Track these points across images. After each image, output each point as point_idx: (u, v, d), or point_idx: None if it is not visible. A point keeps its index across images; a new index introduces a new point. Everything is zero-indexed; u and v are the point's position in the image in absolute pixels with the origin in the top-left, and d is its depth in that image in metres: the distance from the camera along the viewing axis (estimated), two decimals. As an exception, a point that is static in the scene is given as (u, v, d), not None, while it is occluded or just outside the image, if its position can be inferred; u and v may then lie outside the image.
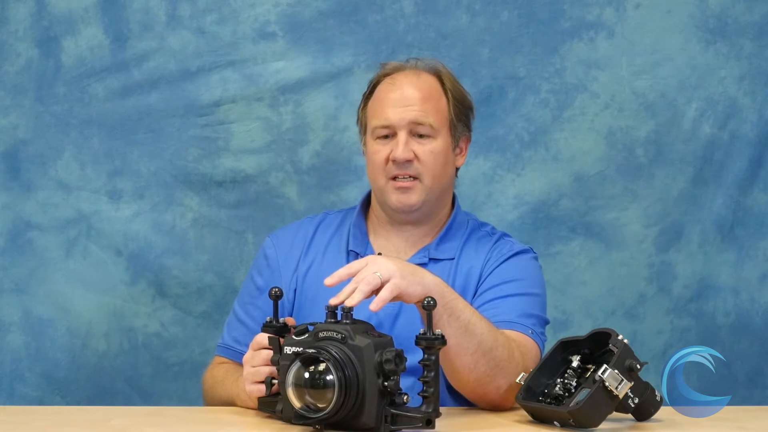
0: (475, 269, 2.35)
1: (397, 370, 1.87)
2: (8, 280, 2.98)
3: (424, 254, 2.37)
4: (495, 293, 2.29)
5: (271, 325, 2.04)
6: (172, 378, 2.99)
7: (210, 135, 2.99)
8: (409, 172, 2.33)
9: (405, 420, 1.89)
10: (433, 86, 2.37)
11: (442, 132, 2.35)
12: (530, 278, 2.35)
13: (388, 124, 2.33)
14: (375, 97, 2.38)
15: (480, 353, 2.07)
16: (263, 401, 2.05)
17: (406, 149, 2.32)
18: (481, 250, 2.38)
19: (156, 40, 2.98)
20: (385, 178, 2.34)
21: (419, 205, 2.35)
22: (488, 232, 2.43)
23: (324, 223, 2.46)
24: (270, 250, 2.43)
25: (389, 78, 2.38)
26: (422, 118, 2.33)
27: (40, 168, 2.99)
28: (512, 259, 2.36)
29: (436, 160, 2.34)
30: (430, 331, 1.89)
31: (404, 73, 2.38)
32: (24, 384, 2.98)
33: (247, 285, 2.45)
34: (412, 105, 2.33)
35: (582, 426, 1.95)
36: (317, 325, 1.93)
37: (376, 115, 2.36)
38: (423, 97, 2.34)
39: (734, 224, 3.02)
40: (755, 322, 3.03)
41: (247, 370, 2.08)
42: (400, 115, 2.33)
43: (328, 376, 1.87)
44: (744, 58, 3.01)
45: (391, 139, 2.34)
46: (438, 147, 2.34)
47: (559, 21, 3.00)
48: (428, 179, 2.34)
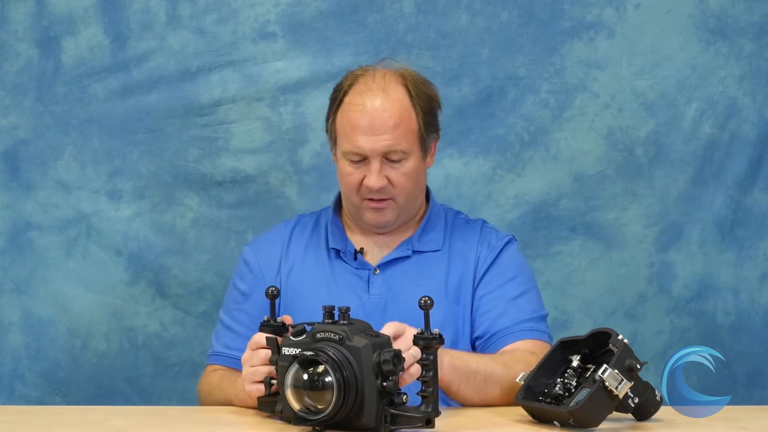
0: (470, 261, 2.37)
1: (395, 370, 1.87)
2: (8, 280, 2.98)
3: (407, 247, 2.38)
4: (501, 295, 2.33)
5: (269, 324, 2.04)
6: (172, 378, 2.99)
7: (210, 135, 2.99)
8: (383, 196, 2.32)
9: (404, 420, 1.88)
10: (403, 103, 2.30)
11: (414, 150, 2.32)
12: (525, 271, 2.40)
13: (360, 153, 2.30)
14: (344, 116, 2.31)
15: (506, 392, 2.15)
16: (263, 401, 2.05)
17: (379, 178, 2.29)
18: (469, 240, 2.40)
19: (156, 40, 2.98)
20: (359, 198, 2.33)
21: (393, 220, 2.36)
22: (465, 219, 2.45)
23: (299, 225, 2.45)
24: (250, 257, 2.43)
25: (357, 94, 2.30)
26: (394, 146, 2.29)
27: (40, 168, 2.99)
28: (505, 252, 2.39)
29: (409, 180, 2.32)
30: (428, 331, 1.89)
31: (372, 90, 2.30)
32: (24, 384, 2.98)
33: (231, 293, 2.44)
34: (384, 134, 2.28)
35: (582, 426, 1.95)
36: (315, 325, 1.93)
37: (347, 140, 2.30)
38: (394, 124, 2.28)
39: (734, 224, 3.02)
40: (755, 322, 3.03)
41: (246, 369, 2.07)
42: (372, 145, 2.28)
43: (326, 378, 1.86)
44: (744, 58, 3.01)
45: (363, 163, 2.31)
46: (411, 167, 2.32)
47: (559, 21, 3.00)
48: (402, 199, 2.33)
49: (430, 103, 2.35)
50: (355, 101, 2.30)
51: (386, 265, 2.37)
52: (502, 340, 2.30)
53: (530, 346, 2.28)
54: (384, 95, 2.29)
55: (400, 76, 2.33)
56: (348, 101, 2.31)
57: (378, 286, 2.35)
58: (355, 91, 2.31)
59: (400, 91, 2.31)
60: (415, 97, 2.32)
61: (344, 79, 2.35)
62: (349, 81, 2.33)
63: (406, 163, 2.31)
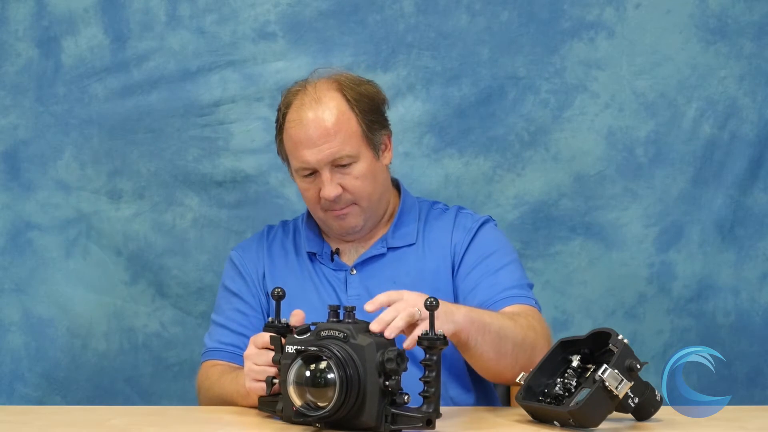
0: (445, 250, 2.37)
1: (398, 369, 1.87)
2: (8, 280, 2.98)
3: (382, 245, 2.39)
4: (482, 270, 2.34)
5: (273, 325, 2.04)
6: (172, 378, 2.99)
7: (210, 135, 2.99)
8: (342, 204, 2.33)
9: (405, 420, 1.88)
10: (340, 109, 2.31)
11: (362, 152, 2.32)
12: (504, 246, 2.40)
13: (308, 166, 2.31)
14: (287, 135, 2.34)
15: (517, 348, 2.14)
16: (264, 401, 2.05)
17: (332, 186, 2.30)
18: (444, 228, 2.41)
19: (156, 40, 2.98)
20: (322, 210, 2.35)
21: (362, 224, 2.37)
22: (442, 209, 2.46)
23: (282, 230, 2.47)
24: (237, 260, 2.45)
25: (293, 111, 2.32)
26: (338, 152, 2.29)
27: (40, 168, 2.99)
28: (481, 232, 2.39)
29: (365, 182, 2.33)
30: (432, 331, 1.89)
31: (305, 103, 2.31)
32: (24, 384, 2.98)
33: (222, 295, 2.46)
34: (324, 143, 2.29)
35: (582, 426, 1.95)
36: (319, 324, 1.94)
37: (294, 157, 2.33)
38: (334, 131, 2.29)
39: (734, 224, 3.02)
40: (755, 322, 3.03)
41: (249, 366, 2.07)
42: (316, 157, 2.29)
43: (329, 375, 1.87)
44: (744, 58, 3.01)
45: (315, 176, 2.32)
46: (363, 169, 2.32)
47: (559, 21, 3.00)
48: (364, 202, 2.34)
49: (370, 102, 2.35)
50: (292, 118, 2.32)
51: (362, 265, 2.38)
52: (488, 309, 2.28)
53: (517, 309, 2.26)
54: (317, 105, 2.31)
55: (333, 82, 2.34)
56: (288, 119, 2.34)
57: (355, 287, 2.37)
58: (292, 109, 2.33)
59: (335, 97, 2.32)
60: (351, 100, 2.32)
61: (282, 100, 2.37)
62: (286, 100, 2.36)
63: (357, 165, 2.32)
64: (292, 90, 2.36)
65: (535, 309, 2.30)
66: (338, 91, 2.33)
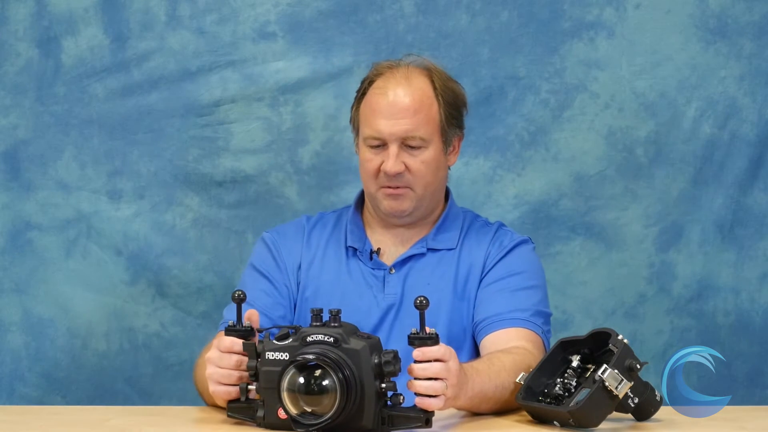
0: (478, 260, 2.38)
1: (395, 371, 1.87)
2: (8, 280, 2.98)
3: (422, 245, 2.39)
4: (503, 286, 2.34)
5: (236, 329, 1.99)
6: (172, 378, 2.99)
7: (210, 135, 2.99)
8: (400, 183, 2.33)
9: (403, 420, 1.88)
10: (425, 92, 2.34)
11: (434, 140, 2.34)
12: (533, 270, 2.39)
13: (379, 137, 2.32)
14: (366, 102, 2.36)
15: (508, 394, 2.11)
16: (234, 407, 1.99)
17: (396, 163, 2.31)
18: (482, 241, 2.41)
19: (156, 40, 2.98)
20: (376, 185, 2.35)
21: (410, 210, 2.37)
22: (485, 223, 2.47)
23: (321, 222, 2.47)
24: (272, 243, 2.43)
25: (381, 81, 2.36)
26: (413, 131, 2.31)
27: (40, 168, 2.99)
28: (515, 251, 2.39)
29: (428, 170, 2.34)
30: (423, 331, 1.89)
31: (395, 78, 2.35)
32: (24, 384, 2.98)
33: (249, 273, 2.42)
34: (403, 118, 2.31)
35: (582, 426, 1.95)
36: (303, 329, 1.91)
37: (368, 125, 2.34)
38: (414, 108, 2.32)
39: (734, 224, 3.02)
40: (755, 322, 3.02)
41: (212, 369, 2.01)
42: (391, 129, 2.31)
43: (324, 381, 1.86)
44: (744, 58, 3.01)
45: (382, 149, 2.33)
46: (429, 156, 2.34)
47: (559, 21, 3.00)
48: (420, 188, 2.35)
49: (455, 98, 2.39)
50: (379, 86, 2.35)
51: (401, 264, 2.38)
52: (492, 325, 2.28)
53: (521, 335, 2.25)
54: (406, 82, 2.34)
55: (425, 69, 2.38)
56: (374, 86, 2.36)
57: (393, 286, 2.37)
58: (381, 79, 2.36)
59: (423, 81, 2.36)
60: (438, 88, 2.36)
61: (370, 71, 2.40)
62: (376, 70, 2.39)
63: (425, 151, 2.33)
64: (384, 64, 2.40)
65: (538, 338, 2.27)
66: (428, 78, 2.37)
